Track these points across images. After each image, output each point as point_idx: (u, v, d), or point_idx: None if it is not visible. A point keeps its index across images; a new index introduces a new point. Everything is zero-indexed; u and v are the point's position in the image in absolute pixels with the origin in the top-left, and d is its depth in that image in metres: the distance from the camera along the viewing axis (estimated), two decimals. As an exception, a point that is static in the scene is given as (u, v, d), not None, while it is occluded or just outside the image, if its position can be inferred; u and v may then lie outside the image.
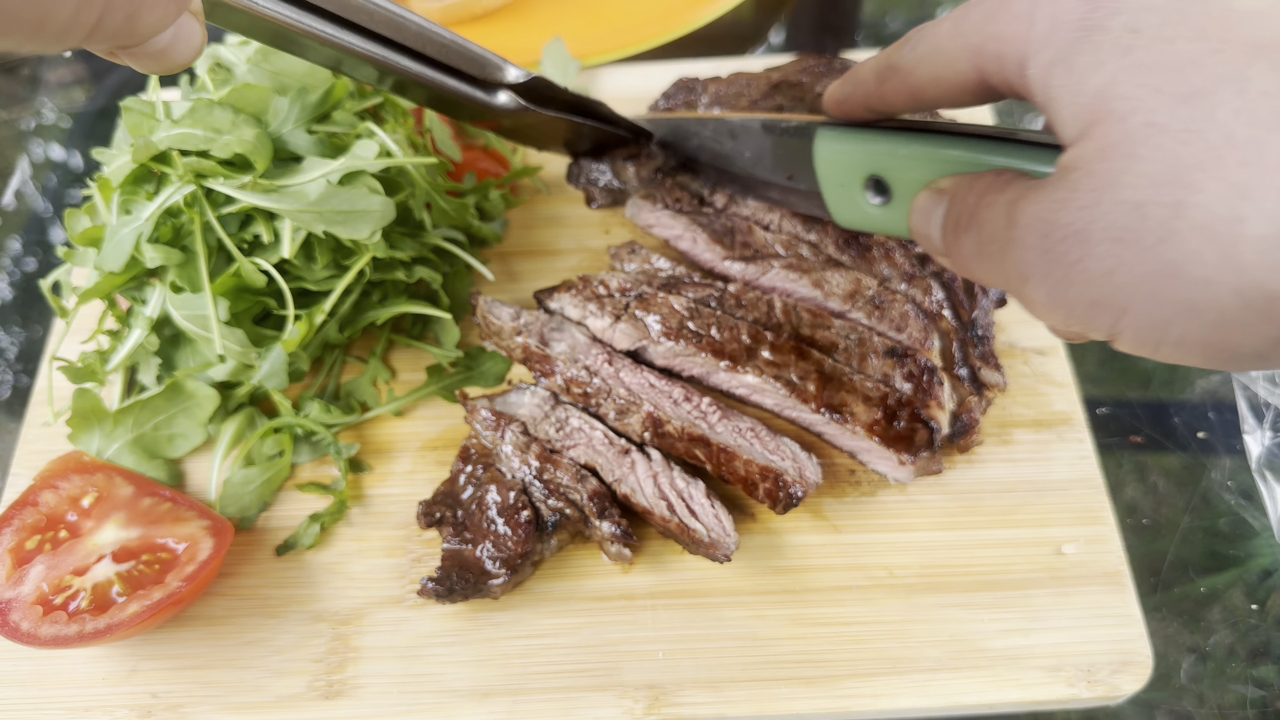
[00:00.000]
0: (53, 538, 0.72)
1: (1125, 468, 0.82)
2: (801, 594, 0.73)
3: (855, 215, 0.68)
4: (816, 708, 0.68)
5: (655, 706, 0.69)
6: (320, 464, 0.82)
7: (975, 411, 0.78)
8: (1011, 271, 0.47)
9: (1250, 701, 0.71)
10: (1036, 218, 0.45)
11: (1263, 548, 0.77)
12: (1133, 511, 0.79)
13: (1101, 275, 0.42)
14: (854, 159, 0.65)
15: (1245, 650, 0.73)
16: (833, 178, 0.68)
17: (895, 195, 0.63)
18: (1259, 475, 0.81)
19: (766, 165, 0.79)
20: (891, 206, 0.64)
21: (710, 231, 0.84)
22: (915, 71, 0.55)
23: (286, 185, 0.74)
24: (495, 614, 0.73)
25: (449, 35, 0.70)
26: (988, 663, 0.70)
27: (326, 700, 0.70)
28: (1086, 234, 0.42)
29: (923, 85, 0.55)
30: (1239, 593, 0.76)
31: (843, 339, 0.78)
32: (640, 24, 1.15)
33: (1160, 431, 0.84)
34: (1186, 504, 0.80)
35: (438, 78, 0.71)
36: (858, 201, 0.67)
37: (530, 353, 0.80)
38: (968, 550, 0.74)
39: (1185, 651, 0.73)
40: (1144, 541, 0.78)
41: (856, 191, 0.66)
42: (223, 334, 0.74)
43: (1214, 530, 0.79)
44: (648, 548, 0.76)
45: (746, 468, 0.73)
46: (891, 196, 0.64)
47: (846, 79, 0.63)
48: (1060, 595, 0.72)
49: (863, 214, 0.67)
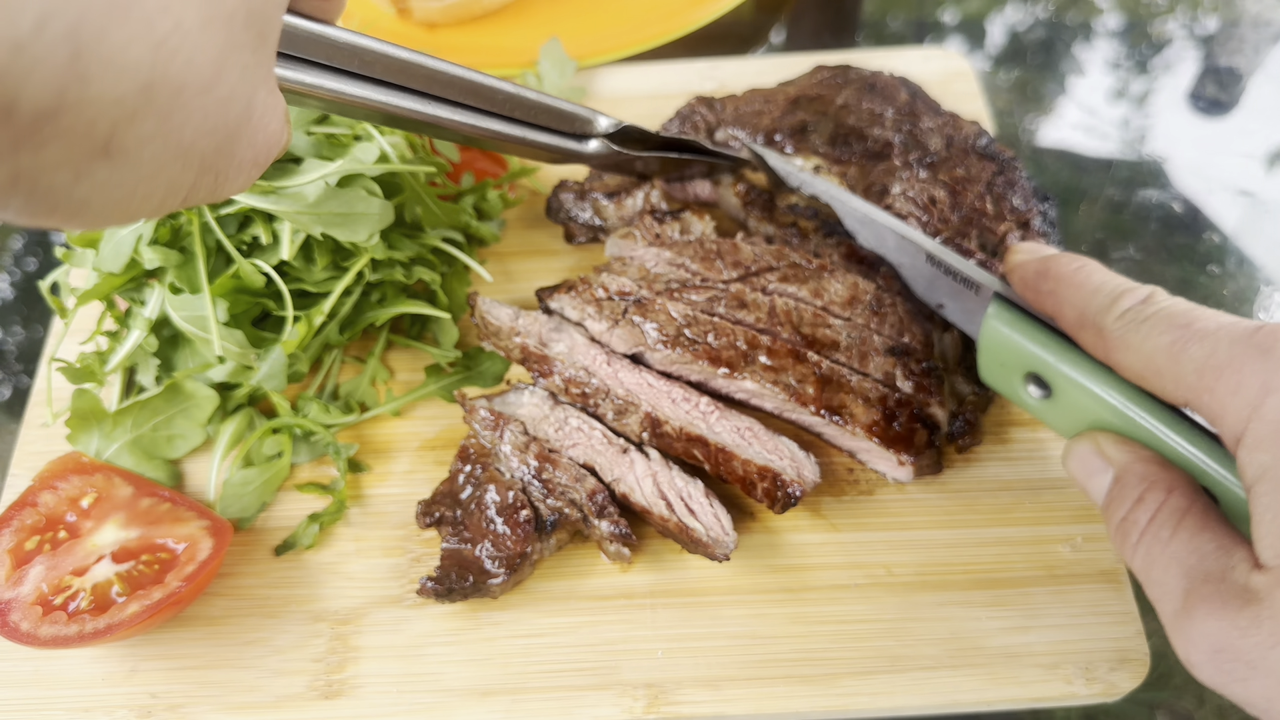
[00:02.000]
0: (52, 538, 0.72)
1: None
2: (800, 592, 0.73)
3: (1009, 392, 0.68)
4: (815, 706, 0.68)
5: (654, 705, 0.69)
6: (319, 464, 0.82)
7: (975, 411, 0.78)
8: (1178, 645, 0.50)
9: None
10: (1213, 633, 0.47)
11: None
12: None
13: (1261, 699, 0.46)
14: (1022, 351, 0.64)
15: None
16: (995, 353, 0.67)
17: (1056, 398, 0.63)
18: None
19: (920, 284, 0.80)
20: (1051, 405, 0.64)
21: (698, 257, 0.83)
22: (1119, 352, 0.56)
23: (285, 187, 0.74)
24: (494, 613, 0.73)
25: (536, 96, 0.71)
26: (986, 660, 0.70)
27: (326, 700, 0.70)
28: (1257, 666, 0.45)
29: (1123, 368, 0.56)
30: None
31: (844, 337, 0.78)
32: (640, 24, 1.15)
33: None
34: None
35: (529, 135, 0.72)
36: (1015, 386, 0.67)
37: (529, 353, 0.80)
38: (966, 549, 0.75)
39: None
40: None
41: (1016, 379, 0.66)
42: (222, 335, 0.74)
43: None
44: (647, 547, 0.76)
45: (744, 467, 0.73)
46: (1053, 396, 0.63)
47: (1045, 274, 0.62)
48: (1058, 593, 0.72)
49: (1017, 396, 0.67)
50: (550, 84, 1.05)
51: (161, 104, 0.35)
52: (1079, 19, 1.20)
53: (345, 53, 0.59)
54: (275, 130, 0.44)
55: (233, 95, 0.39)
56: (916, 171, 0.88)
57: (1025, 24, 1.21)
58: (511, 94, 0.69)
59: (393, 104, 0.63)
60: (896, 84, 0.97)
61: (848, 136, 0.92)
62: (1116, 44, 1.17)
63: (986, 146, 0.91)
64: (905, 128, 0.92)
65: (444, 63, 0.65)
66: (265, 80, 0.42)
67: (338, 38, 0.58)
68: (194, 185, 0.41)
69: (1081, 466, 0.59)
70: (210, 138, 0.39)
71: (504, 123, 0.70)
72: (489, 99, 0.68)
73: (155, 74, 0.34)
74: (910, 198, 0.86)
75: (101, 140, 0.34)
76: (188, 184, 0.40)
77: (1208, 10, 1.20)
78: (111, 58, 0.32)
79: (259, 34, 0.39)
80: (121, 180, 0.37)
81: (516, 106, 0.70)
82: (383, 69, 0.62)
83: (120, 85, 0.33)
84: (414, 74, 0.63)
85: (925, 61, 1.07)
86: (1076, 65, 1.15)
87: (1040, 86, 1.13)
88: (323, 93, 0.59)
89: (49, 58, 0.31)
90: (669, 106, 1.04)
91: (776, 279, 0.81)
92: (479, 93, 0.67)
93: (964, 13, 1.24)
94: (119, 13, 0.32)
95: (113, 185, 0.37)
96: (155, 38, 0.34)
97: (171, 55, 0.35)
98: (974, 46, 1.19)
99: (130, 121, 0.35)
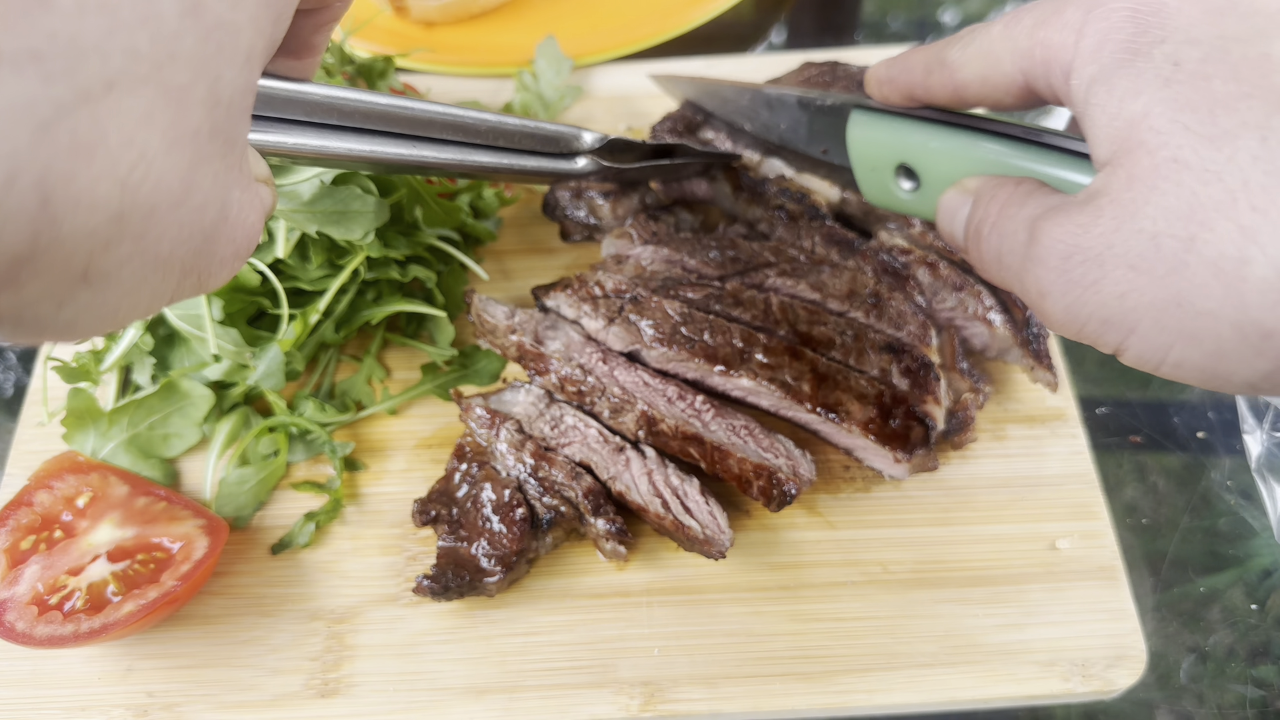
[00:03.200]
0: (48, 538, 0.72)
1: (1125, 467, 0.82)
2: (797, 590, 0.73)
3: (886, 198, 0.69)
4: (812, 703, 0.68)
5: (651, 703, 0.69)
6: (315, 463, 0.82)
7: (971, 408, 0.78)
8: (1030, 285, 0.49)
9: (1250, 701, 0.71)
10: (1059, 239, 0.46)
11: (1262, 548, 0.77)
12: (1132, 511, 0.79)
13: (1114, 298, 0.44)
14: (885, 146, 0.65)
15: (1245, 650, 0.73)
16: (864, 160, 0.68)
17: (925, 184, 0.64)
18: (1258, 475, 0.81)
19: (802, 138, 0.79)
20: (921, 194, 0.65)
21: (696, 254, 0.83)
22: (963, 69, 0.56)
23: (280, 185, 0.74)
24: (491, 611, 0.73)
25: (518, 122, 0.71)
26: (982, 657, 0.70)
27: (322, 698, 0.70)
28: (1104, 259, 0.44)
29: (968, 83, 0.56)
30: (1239, 593, 0.75)
31: (839, 335, 0.78)
32: (638, 23, 1.15)
33: (1160, 431, 0.84)
34: (1186, 504, 0.80)
35: (518, 163, 0.72)
36: (889, 186, 0.67)
37: (525, 351, 0.80)
38: (962, 546, 0.75)
39: (1185, 651, 0.73)
40: (1144, 541, 0.77)
41: (888, 176, 0.66)
42: (217, 334, 0.74)
43: (1213, 530, 0.78)
44: (643, 545, 0.76)
45: (740, 465, 0.73)
46: (921, 184, 0.64)
47: (893, 63, 0.63)
48: (1054, 590, 0.72)
49: (893, 197, 0.68)
50: (546, 82, 1.05)
51: (135, 227, 0.36)
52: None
53: (324, 107, 0.60)
54: (253, 222, 0.45)
55: (206, 203, 0.39)
56: None
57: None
58: (494, 124, 0.69)
59: (378, 152, 0.64)
60: None
61: None
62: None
63: None
64: None
65: (422, 103, 0.65)
66: (238, 180, 0.42)
67: (314, 94, 0.59)
68: (177, 288, 0.41)
69: (948, 211, 0.58)
70: (187, 245, 0.39)
71: (491, 153, 0.70)
72: (472, 132, 0.68)
73: (125, 203, 0.35)
74: None
75: (79, 270, 0.35)
76: (170, 289, 0.41)
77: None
78: (79, 197, 0.33)
79: (226, 141, 0.39)
80: (104, 300, 0.37)
81: (500, 135, 0.70)
82: (362, 118, 0.62)
83: (92, 220, 0.34)
84: (395, 118, 0.64)
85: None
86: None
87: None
88: (307, 151, 0.60)
89: (20, 210, 0.31)
90: (665, 104, 1.04)
91: (775, 274, 0.81)
92: (461, 128, 0.68)
93: (964, 13, 1.24)
94: (84, 155, 0.33)
95: (96, 305, 0.37)
96: (121, 172, 0.34)
97: (140, 183, 0.35)
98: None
99: (105, 249, 0.35)
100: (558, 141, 0.74)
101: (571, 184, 0.91)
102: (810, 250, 0.85)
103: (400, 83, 0.96)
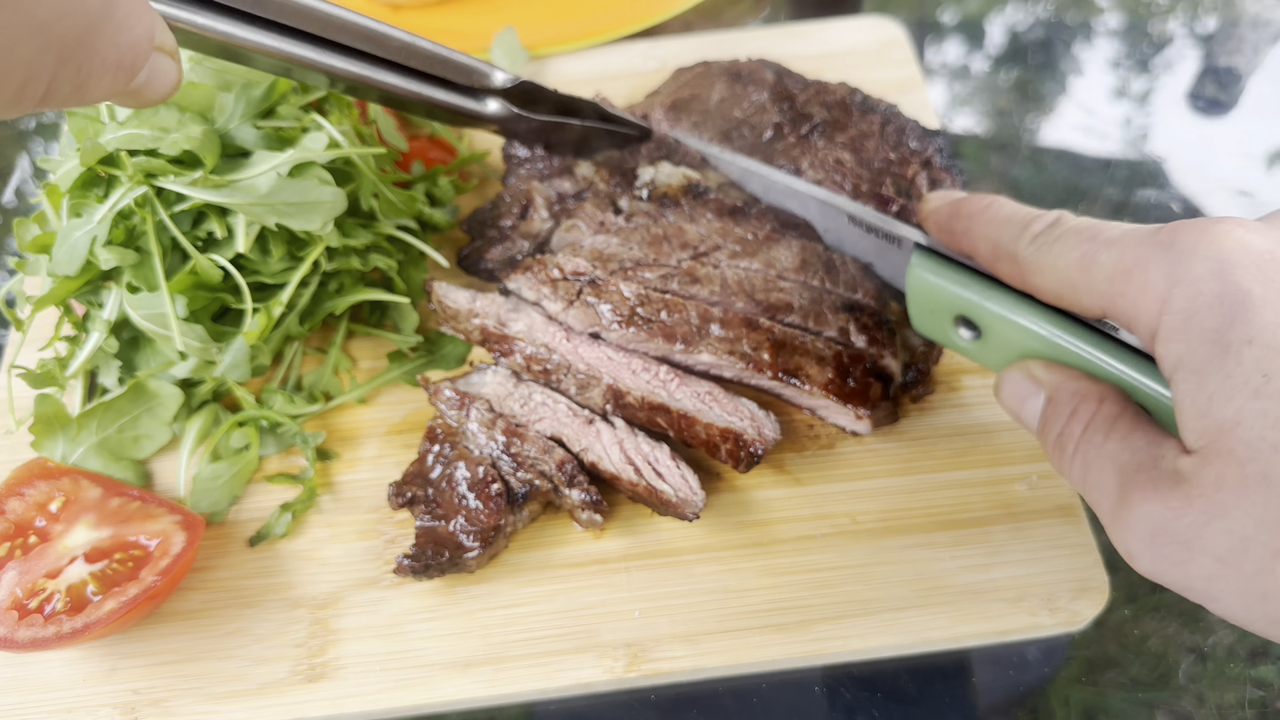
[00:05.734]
0: (22, 544, 0.72)
1: None
2: (769, 546, 0.75)
3: (943, 339, 0.70)
4: (790, 653, 0.70)
5: (635, 663, 0.70)
6: (287, 455, 0.82)
7: (927, 361, 0.80)
8: (1117, 539, 0.51)
9: (1250, 701, 0.71)
10: (1149, 516, 0.49)
11: None
12: None
13: (1200, 580, 0.48)
14: (947, 295, 0.66)
15: (1245, 650, 0.74)
16: (923, 302, 0.69)
17: (986, 338, 0.65)
18: None
19: (848, 245, 0.81)
20: (982, 346, 0.66)
21: (645, 242, 0.85)
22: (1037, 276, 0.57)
23: (237, 180, 0.74)
24: (472, 587, 0.74)
25: (432, 46, 0.71)
26: (952, 598, 0.72)
27: (309, 683, 0.71)
28: (1193, 546, 0.47)
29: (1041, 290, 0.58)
30: None
31: (797, 299, 0.80)
32: (606, 12, 1.16)
33: None
34: None
35: (426, 91, 0.72)
36: (946, 330, 0.68)
37: (488, 333, 0.81)
38: (926, 493, 0.77)
39: (1185, 651, 0.74)
40: None
41: (946, 323, 0.68)
42: (182, 331, 0.74)
43: None
44: (618, 513, 0.77)
45: (707, 431, 0.74)
46: (982, 337, 0.65)
47: (958, 214, 0.64)
48: (1017, 530, 0.75)
49: (950, 341, 0.69)
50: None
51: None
52: (1079, 19, 1.20)
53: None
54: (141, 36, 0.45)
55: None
56: (814, 142, 0.92)
57: (1025, 24, 1.21)
58: (406, 43, 0.69)
59: (286, 50, 0.63)
60: (758, 66, 1.00)
61: (739, 128, 0.94)
62: (1116, 43, 1.17)
63: (863, 102, 0.96)
64: (785, 105, 0.95)
65: (338, 8, 0.65)
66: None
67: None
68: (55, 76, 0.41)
69: (1014, 394, 0.61)
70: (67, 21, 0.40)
71: (401, 75, 0.70)
72: (384, 46, 0.68)
73: None
74: (820, 166, 0.90)
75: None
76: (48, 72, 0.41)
77: (1208, 10, 1.20)
78: None
79: None
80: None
81: (411, 56, 0.70)
82: (276, 10, 0.62)
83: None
84: (309, 18, 0.64)
85: (859, 32, 1.10)
86: (1076, 65, 1.15)
87: (1040, 86, 1.13)
88: (214, 34, 0.59)
89: None
90: (612, 88, 1.05)
91: (726, 256, 0.83)
92: (373, 39, 0.67)
93: (964, 12, 1.24)
94: None
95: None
96: None
97: None
98: (974, 46, 1.19)
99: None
100: (469, 73, 0.74)
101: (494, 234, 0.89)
102: (757, 231, 0.87)
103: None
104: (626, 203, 0.88)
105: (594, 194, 0.89)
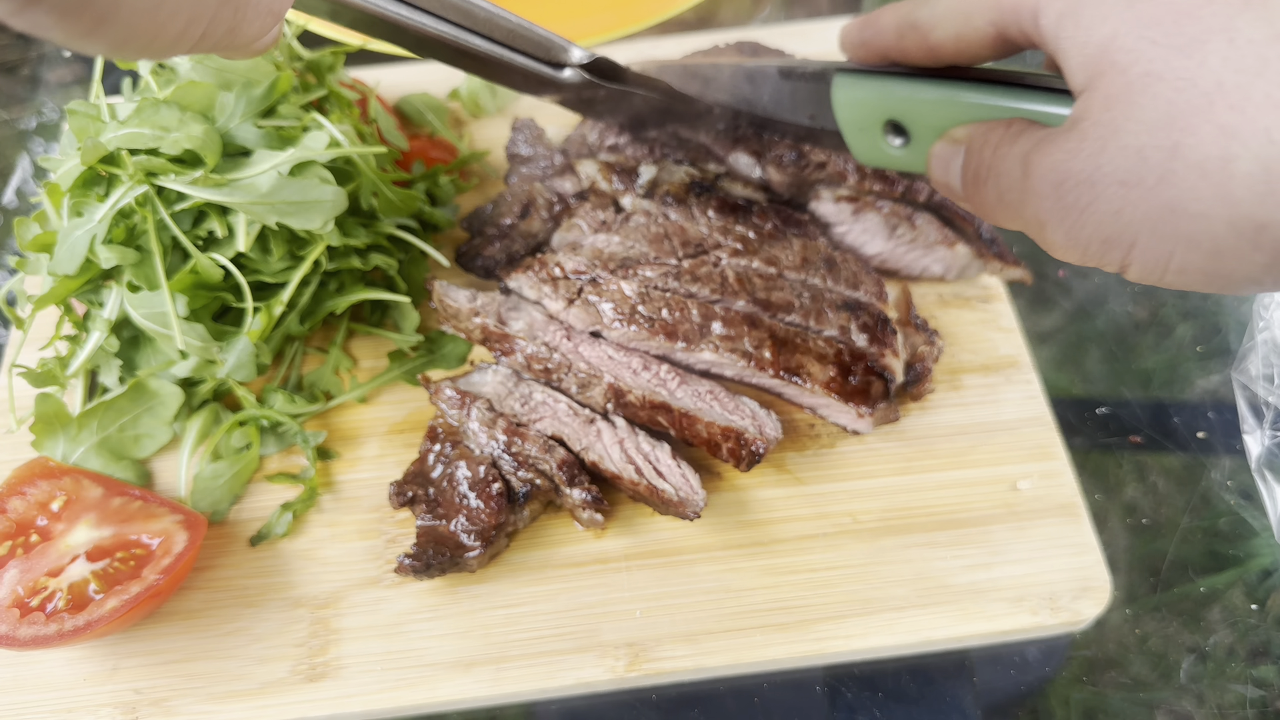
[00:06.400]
0: (24, 543, 0.72)
1: (1125, 467, 0.82)
2: (770, 545, 0.75)
3: (877, 156, 0.70)
4: (791, 652, 0.70)
5: (636, 663, 0.70)
6: (288, 454, 0.82)
7: (927, 360, 0.80)
8: (1030, 218, 0.51)
9: (1250, 701, 0.71)
10: (1050, 168, 0.48)
11: (1262, 548, 0.78)
12: (1132, 511, 0.79)
13: (1110, 216, 0.46)
14: (871, 104, 0.66)
15: (1245, 650, 0.74)
16: (852, 122, 0.69)
17: (914, 138, 0.65)
18: (1259, 475, 0.81)
19: (787, 108, 0.80)
20: (911, 148, 0.66)
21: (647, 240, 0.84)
22: (936, 29, 0.57)
23: (238, 179, 0.74)
24: (473, 587, 0.74)
25: (515, 20, 0.74)
26: (953, 598, 0.72)
27: (310, 683, 0.71)
28: (1095, 180, 0.46)
29: (943, 42, 0.57)
30: (1239, 593, 0.76)
31: (797, 297, 0.80)
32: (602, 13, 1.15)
33: (1160, 431, 0.84)
34: (1186, 504, 0.80)
35: (507, 55, 0.75)
36: (878, 144, 0.68)
37: (489, 332, 0.81)
38: (927, 492, 0.77)
39: (1185, 651, 0.74)
40: (1144, 541, 0.78)
41: (876, 135, 0.68)
42: (183, 330, 0.74)
43: (1214, 530, 0.79)
44: (619, 512, 0.77)
45: (708, 429, 0.74)
46: (911, 139, 0.65)
47: (866, 24, 0.64)
48: (1018, 529, 0.75)
49: (884, 155, 0.69)
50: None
51: None
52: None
53: None
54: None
55: None
56: None
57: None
58: (491, 14, 0.73)
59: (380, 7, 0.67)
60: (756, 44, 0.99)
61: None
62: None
63: None
64: None
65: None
66: None
67: None
68: (214, 17, 0.43)
69: (940, 163, 0.60)
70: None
71: (485, 40, 0.74)
72: (468, 16, 0.72)
73: None
74: None
75: None
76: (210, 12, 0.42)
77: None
78: None
79: None
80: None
81: (494, 29, 0.73)
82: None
83: None
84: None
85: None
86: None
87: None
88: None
89: None
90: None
91: (727, 254, 0.83)
92: (459, 9, 0.71)
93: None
94: None
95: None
96: None
97: None
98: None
99: None
100: (548, 49, 0.77)
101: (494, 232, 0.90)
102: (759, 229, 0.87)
103: (351, 78, 0.96)
104: (628, 201, 0.88)
105: (595, 193, 0.89)
